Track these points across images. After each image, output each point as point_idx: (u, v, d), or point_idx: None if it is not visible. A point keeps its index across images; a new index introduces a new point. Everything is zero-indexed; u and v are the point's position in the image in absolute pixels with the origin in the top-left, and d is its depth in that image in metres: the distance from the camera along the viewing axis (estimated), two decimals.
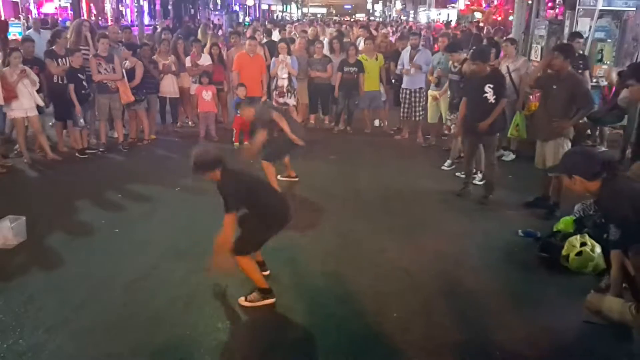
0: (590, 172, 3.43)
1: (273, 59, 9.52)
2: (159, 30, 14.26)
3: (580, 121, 8.03)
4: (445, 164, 7.99)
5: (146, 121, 9.04)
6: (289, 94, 9.46)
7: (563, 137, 5.84)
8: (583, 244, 4.79)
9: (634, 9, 9.01)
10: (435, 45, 12.13)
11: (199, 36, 11.90)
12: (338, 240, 5.48)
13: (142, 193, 6.81)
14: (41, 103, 7.80)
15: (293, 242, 5.38)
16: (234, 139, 8.92)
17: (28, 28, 12.87)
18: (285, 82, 9.40)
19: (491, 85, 6.31)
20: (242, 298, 4.28)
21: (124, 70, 8.38)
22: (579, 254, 4.75)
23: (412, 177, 7.53)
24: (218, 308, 4.25)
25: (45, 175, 7.58)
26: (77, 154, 8.24)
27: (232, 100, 9.86)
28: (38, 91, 7.75)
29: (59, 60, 8.07)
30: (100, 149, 8.50)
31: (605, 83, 8.55)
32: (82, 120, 8.03)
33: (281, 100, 9.45)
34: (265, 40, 11.41)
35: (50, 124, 8.97)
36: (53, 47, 8.22)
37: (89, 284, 4.58)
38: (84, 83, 8.02)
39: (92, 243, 5.41)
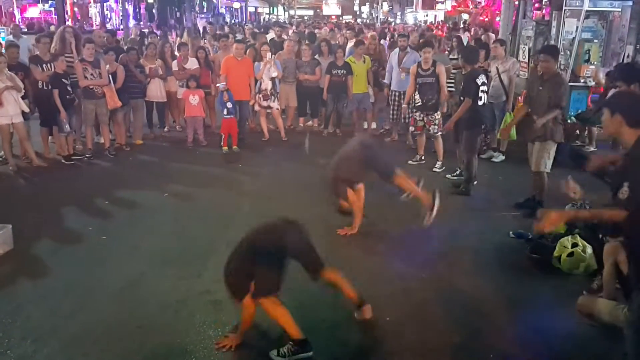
0: (635, 118, 3.24)
1: (256, 62, 9.46)
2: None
3: (569, 121, 8.12)
4: (415, 158, 8.19)
5: (123, 127, 8.95)
6: (273, 97, 9.42)
7: (549, 140, 5.88)
8: (574, 245, 4.81)
9: (620, 9, 9.08)
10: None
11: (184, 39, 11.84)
12: (328, 245, 5.42)
13: (129, 199, 6.73)
14: (26, 109, 7.70)
15: None
16: (222, 143, 8.85)
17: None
18: (269, 85, 9.36)
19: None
20: (274, 352, 3.74)
21: (110, 76, 8.30)
22: (571, 254, 4.77)
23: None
24: (208, 315, 4.19)
25: (31, 182, 7.48)
26: (63, 161, 8.14)
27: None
28: (23, 97, 7.65)
29: (44, 65, 7.97)
30: (87, 155, 8.41)
31: (593, 83, 8.61)
32: (67, 126, 7.92)
33: (265, 103, 9.40)
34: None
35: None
36: (37, 53, 8.12)
37: (77, 292, 4.52)
38: (69, 88, 7.92)
39: (80, 251, 5.33)
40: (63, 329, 4.01)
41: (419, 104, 7.85)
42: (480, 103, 6.62)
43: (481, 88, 6.62)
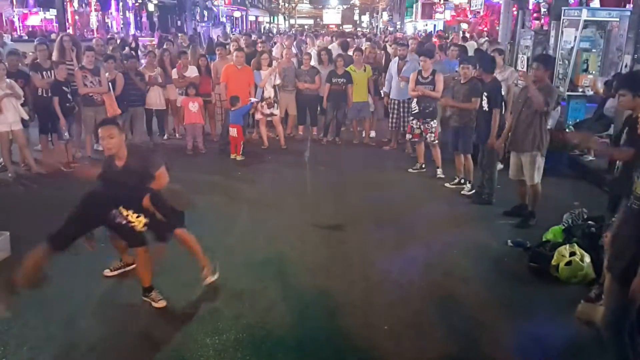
0: None
1: (256, 71, 9.50)
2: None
3: (567, 131, 8.13)
4: (415, 167, 8.20)
5: (123, 134, 8.95)
6: (276, 105, 9.48)
7: (536, 151, 5.90)
8: (572, 254, 4.80)
9: (618, 19, 9.12)
10: None
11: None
12: (327, 253, 5.44)
13: None
14: (26, 116, 7.70)
15: (282, 255, 5.35)
16: (239, 151, 8.88)
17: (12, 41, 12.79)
18: (272, 93, 9.41)
19: (486, 94, 6.51)
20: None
21: (109, 83, 8.33)
22: (569, 263, 4.76)
23: (400, 188, 7.53)
24: (205, 324, 4.17)
25: (30, 189, 7.47)
26: (62, 168, 8.14)
27: (218, 112, 9.83)
28: (23, 104, 7.67)
29: (44, 73, 7.99)
30: (86, 163, 8.41)
31: (591, 92, 8.63)
32: (66, 134, 7.94)
33: (268, 111, 9.43)
34: None
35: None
36: (37, 60, 8.15)
37: (74, 300, 4.50)
38: (69, 96, 7.94)
39: (78, 258, 5.26)
40: (60, 336, 4.00)
41: (416, 111, 7.88)
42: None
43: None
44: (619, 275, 3.20)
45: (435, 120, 7.81)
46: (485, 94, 6.55)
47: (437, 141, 7.83)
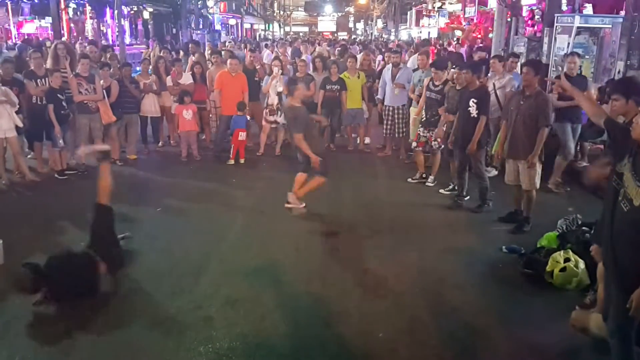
0: None
1: (266, 76, 9.55)
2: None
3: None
4: (415, 177, 8.13)
5: (117, 142, 8.94)
6: (279, 112, 9.47)
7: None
8: (567, 260, 4.80)
9: (610, 26, 9.18)
10: None
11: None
12: (322, 260, 5.43)
13: (122, 214, 6.61)
14: (20, 124, 7.68)
15: (276, 262, 5.33)
16: (231, 155, 8.91)
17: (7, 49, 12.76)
18: (276, 100, 9.40)
19: (475, 100, 6.49)
20: None
21: (104, 91, 8.32)
22: (563, 269, 4.76)
23: (395, 194, 7.53)
24: (199, 332, 4.15)
25: (24, 197, 7.44)
26: (56, 175, 8.11)
27: (212, 119, 9.88)
28: (17, 112, 7.64)
29: (38, 80, 7.97)
30: (80, 170, 8.38)
31: None
32: (61, 141, 7.92)
33: (271, 118, 9.44)
34: None
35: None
36: (32, 68, 8.14)
37: (67, 309, 4.45)
38: (64, 103, 7.93)
39: None
40: (52, 346, 3.97)
41: (424, 119, 7.87)
42: None
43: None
44: (622, 282, 3.18)
45: (442, 128, 7.76)
46: (474, 100, 6.51)
47: (441, 147, 7.80)
